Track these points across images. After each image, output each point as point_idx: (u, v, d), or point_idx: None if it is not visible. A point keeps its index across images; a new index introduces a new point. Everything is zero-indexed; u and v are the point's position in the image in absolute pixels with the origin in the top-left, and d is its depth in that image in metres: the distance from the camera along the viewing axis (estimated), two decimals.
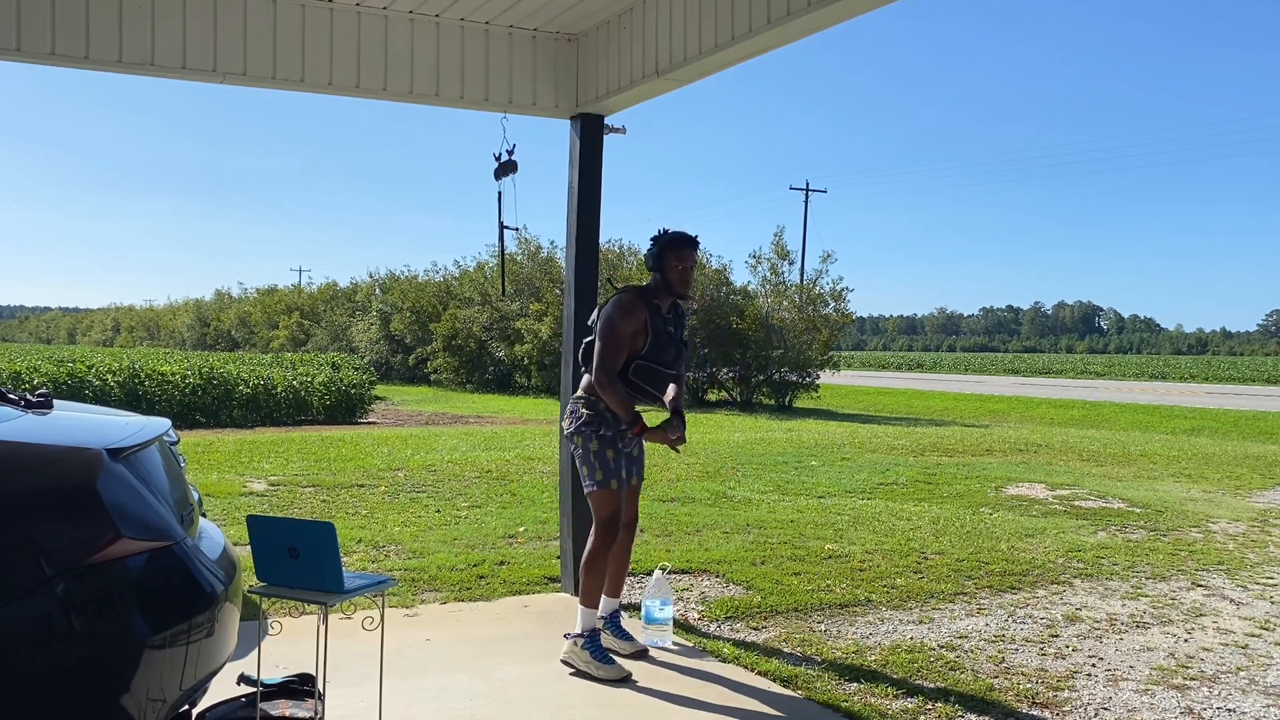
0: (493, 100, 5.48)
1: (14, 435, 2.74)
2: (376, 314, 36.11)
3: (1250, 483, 11.08)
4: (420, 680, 4.15)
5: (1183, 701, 4.24)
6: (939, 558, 6.80)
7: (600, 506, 4.43)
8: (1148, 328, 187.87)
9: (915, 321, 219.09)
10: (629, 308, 4.34)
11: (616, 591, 4.72)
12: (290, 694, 3.50)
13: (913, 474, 11.05)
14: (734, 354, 23.83)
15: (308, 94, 5.39)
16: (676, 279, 4.42)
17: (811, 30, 4.27)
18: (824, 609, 5.51)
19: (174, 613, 2.67)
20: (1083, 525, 8.17)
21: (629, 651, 4.57)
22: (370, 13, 5.20)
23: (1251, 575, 6.57)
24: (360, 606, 4.86)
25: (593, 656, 4.30)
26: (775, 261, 24.80)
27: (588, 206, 5.54)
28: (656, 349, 4.39)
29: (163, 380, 17.36)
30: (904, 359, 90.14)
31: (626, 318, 4.32)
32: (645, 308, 4.37)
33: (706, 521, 7.91)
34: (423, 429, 16.37)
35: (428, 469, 10.67)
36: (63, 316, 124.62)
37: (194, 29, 4.88)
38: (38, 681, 2.43)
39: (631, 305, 4.35)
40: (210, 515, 7.36)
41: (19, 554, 2.45)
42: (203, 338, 62.26)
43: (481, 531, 7.32)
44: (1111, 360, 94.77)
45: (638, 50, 5.08)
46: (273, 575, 3.21)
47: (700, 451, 12.93)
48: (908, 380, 44.16)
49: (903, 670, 4.52)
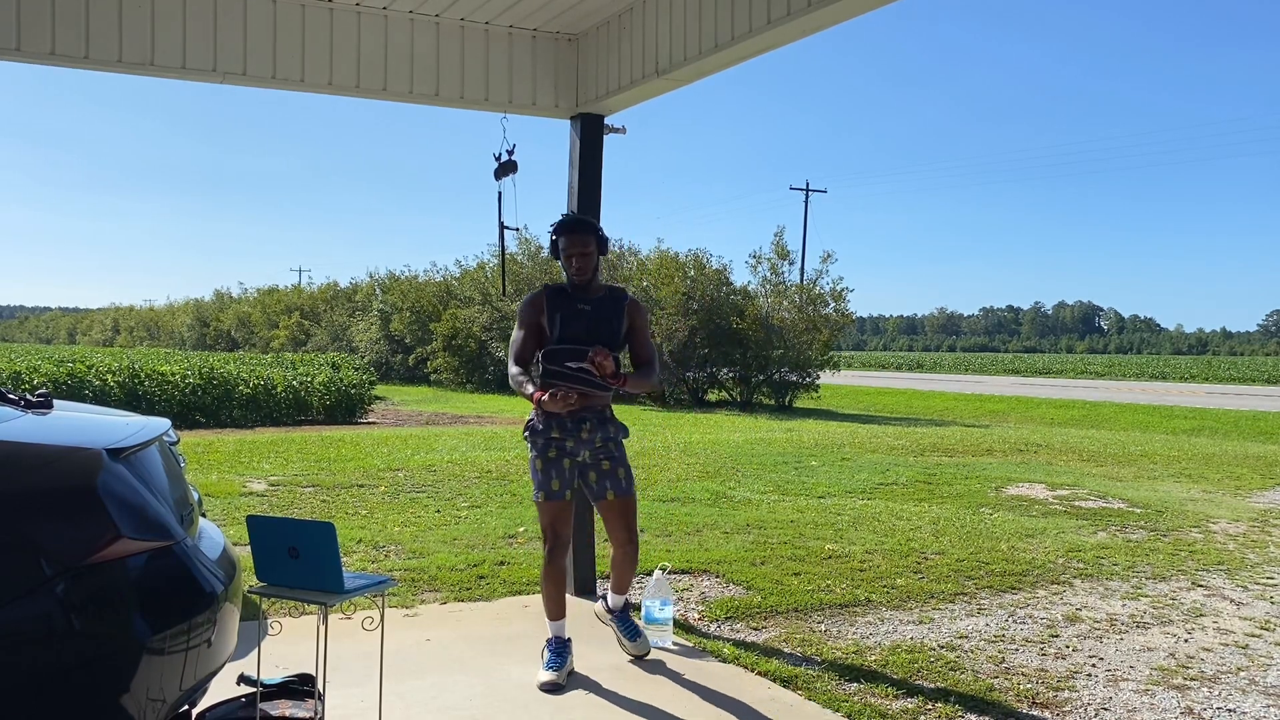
0: (493, 100, 5.48)
1: (14, 435, 2.74)
2: (376, 314, 36.10)
3: (1250, 483, 11.08)
4: (420, 680, 4.15)
5: (1183, 702, 4.24)
6: (939, 558, 6.79)
7: (539, 517, 4.37)
8: (1148, 328, 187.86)
9: (915, 321, 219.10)
10: (527, 303, 4.34)
11: (620, 588, 4.65)
12: (290, 694, 3.50)
13: (913, 474, 11.05)
14: (734, 354, 23.82)
15: (308, 94, 5.39)
16: (568, 267, 4.31)
17: (811, 30, 4.27)
18: (824, 609, 5.51)
19: (174, 613, 2.67)
20: (1083, 525, 8.17)
21: (634, 653, 4.55)
22: (370, 13, 5.20)
23: (1252, 575, 6.57)
24: (360, 606, 4.86)
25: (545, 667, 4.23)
26: (775, 261, 24.79)
27: (588, 206, 5.54)
28: (567, 332, 4.25)
29: (163, 380, 17.36)
30: (904, 359, 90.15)
31: (524, 312, 4.34)
32: (547, 301, 4.30)
33: (706, 521, 7.91)
34: (423, 429, 16.37)
35: (428, 469, 10.67)
36: (63, 316, 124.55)
37: (194, 29, 4.88)
38: (38, 681, 2.43)
39: (531, 301, 4.34)
40: (210, 515, 7.36)
41: (19, 554, 2.45)
42: (202, 338, 62.26)
43: (481, 531, 7.32)
44: (1111, 360, 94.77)
45: (638, 50, 5.08)
46: (273, 575, 3.21)
47: (700, 451, 12.93)
48: (908, 380, 44.16)
49: (903, 670, 4.52)
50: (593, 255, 4.30)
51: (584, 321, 4.27)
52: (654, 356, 4.46)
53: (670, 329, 23.45)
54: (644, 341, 4.45)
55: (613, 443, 4.35)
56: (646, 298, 24.73)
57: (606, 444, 4.33)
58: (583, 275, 4.28)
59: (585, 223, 4.35)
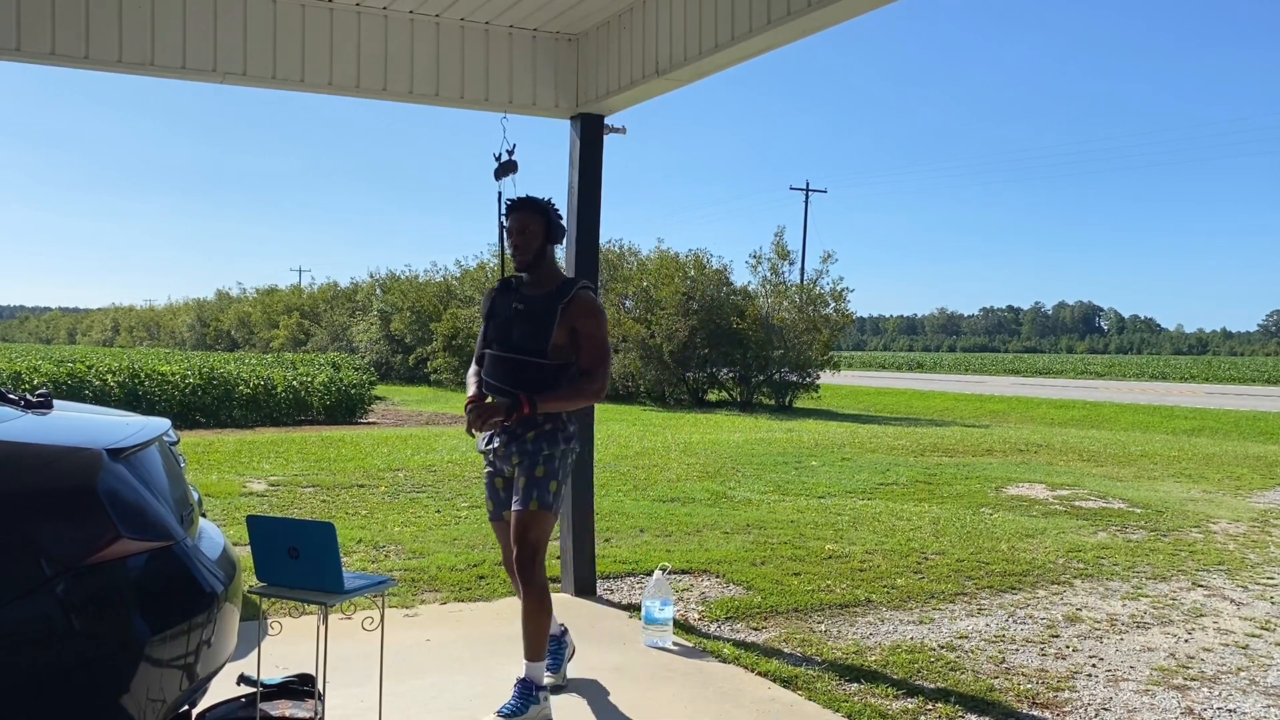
0: (493, 100, 5.47)
1: (14, 435, 2.74)
2: (376, 314, 36.11)
3: (1250, 483, 11.08)
4: (420, 680, 4.15)
5: (1183, 702, 4.24)
6: (939, 558, 6.79)
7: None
8: (1148, 328, 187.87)
9: (915, 321, 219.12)
10: (484, 297, 4.12)
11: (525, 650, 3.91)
12: (290, 694, 3.50)
13: (913, 474, 11.05)
14: (734, 354, 23.83)
15: (308, 94, 5.39)
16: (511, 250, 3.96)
17: (811, 30, 4.27)
18: (824, 609, 5.51)
19: (174, 613, 2.67)
20: (1083, 525, 8.17)
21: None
22: (370, 13, 5.20)
23: (1252, 575, 6.57)
24: (360, 606, 4.86)
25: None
26: (775, 261, 24.80)
27: (588, 206, 5.54)
28: (496, 336, 3.94)
29: (163, 380, 17.36)
30: (904, 359, 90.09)
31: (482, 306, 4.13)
32: (493, 297, 4.06)
33: (706, 521, 7.91)
34: (423, 429, 16.37)
35: (428, 469, 10.67)
36: (63, 316, 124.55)
37: (194, 29, 4.88)
38: (37, 681, 2.43)
39: (485, 295, 4.12)
40: (210, 515, 7.36)
41: (19, 554, 2.45)
42: (203, 338, 62.28)
43: (481, 531, 7.32)
44: (1112, 360, 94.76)
45: (638, 50, 5.08)
46: (273, 575, 3.21)
47: (700, 451, 12.93)
48: (908, 380, 44.16)
49: (903, 670, 4.51)
50: (534, 237, 3.89)
51: (511, 326, 3.88)
52: (597, 365, 3.84)
53: (670, 329, 23.46)
54: (589, 348, 3.85)
55: (529, 455, 3.81)
56: (646, 297, 24.75)
57: (524, 457, 3.82)
58: (520, 257, 3.90)
59: (526, 200, 3.94)
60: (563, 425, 3.87)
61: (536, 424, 3.82)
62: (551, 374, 3.81)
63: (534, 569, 3.80)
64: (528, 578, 3.80)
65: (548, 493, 3.80)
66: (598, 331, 3.87)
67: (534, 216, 3.90)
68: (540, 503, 3.78)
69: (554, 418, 3.85)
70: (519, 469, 3.83)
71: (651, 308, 24.36)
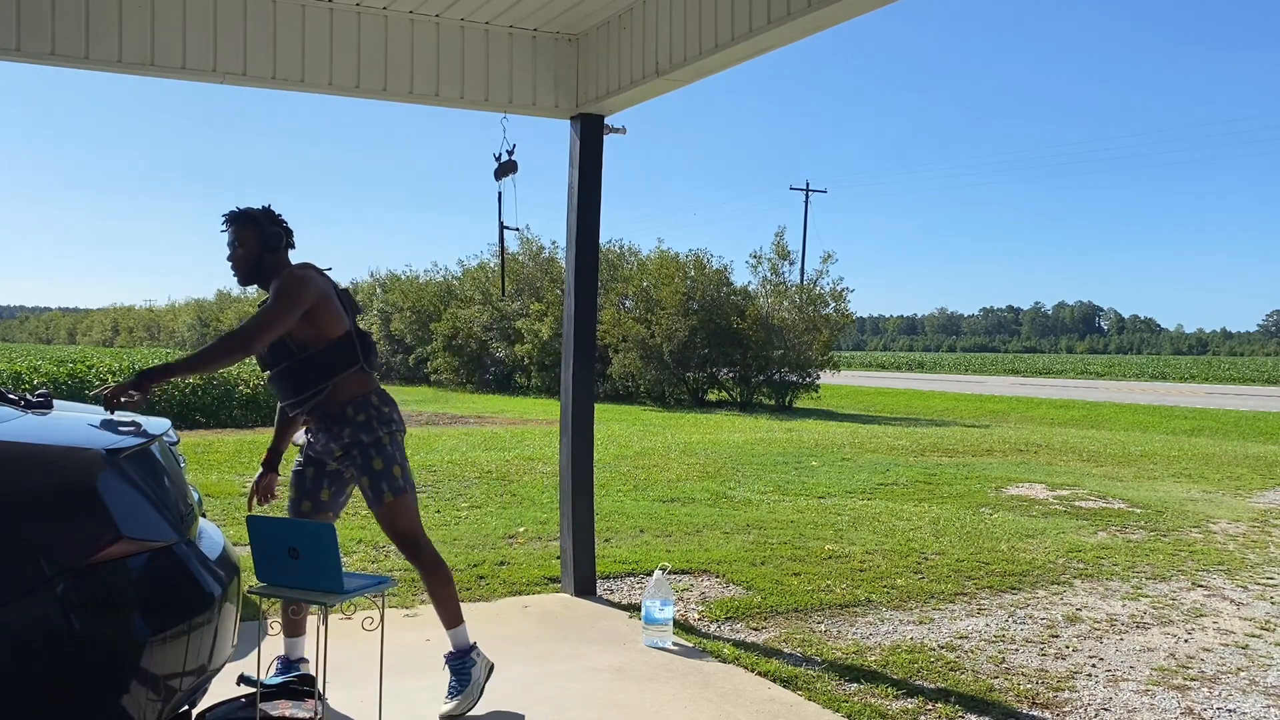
0: (493, 100, 5.47)
1: (14, 435, 2.74)
2: (377, 314, 36.10)
3: (1250, 483, 11.08)
4: (420, 680, 4.15)
5: (1183, 702, 4.24)
6: (939, 558, 6.79)
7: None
8: (1148, 328, 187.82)
9: (915, 321, 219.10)
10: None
11: (443, 619, 3.97)
12: (290, 694, 3.50)
13: (913, 474, 11.05)
14: (734, 354, 23.83)
15: (308, 94, 5.39)
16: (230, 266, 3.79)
17: (811, 30, 4.27)
18: (824, 609, 5.51)
19: (174, 613, 2.67)
20: (1083, 525, 8.17)
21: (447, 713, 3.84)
22: (370, 13, 5.20)
23: (1252, 576, 6.57)
24: (360, 607, 4.86)
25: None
26: (775, 262, 24.80)
27: (588, 206, 5.54)
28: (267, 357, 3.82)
29: None
30: (904, 359, 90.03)
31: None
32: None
33: (706, 521, 7.91)
34: (423, 429, 16.36)
35: (428, 469, 10.67)
36: (63, 316, 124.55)
37: (194, 29, 4.88)
38: (37, 682, 2.43)
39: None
40: (210, 515, 7.36)
41: (19, 554, 2.45)
42: (203, 338, 62.25)
43: (481, 532, 7.32)
44: (1112, 360, 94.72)
45: (638, 50, 5.08)
46: (273, 575, 3.21)
47: (700, 451, 12.93)
48: (908, 380, 44.15)
49: (903, 671, 4.51)
50: (249, 250, 3.68)
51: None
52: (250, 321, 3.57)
53: (670, 329, 23.46)
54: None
55: (358, 450, 3.70)
56: (646, 298, 24.75)
57: (351, 453, 3.71)
58: (238, 272, 3.72)
59: (233, 215, 3.70)
60: (375, 410, 3.73)
61: (346, 417, 3.69)
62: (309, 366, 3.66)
63: (419, 550, 3.83)
64: (416, 559, 3.84)
65: (395, 479, 3.74)
66: (272, 298, 3.61)
67: (242, 230, 3.69)
68: (393, 491, 3.73)
69: (363, 407, 3.71)
70: (356, 469, 3.73)
71: (651, 308, 24.36)
